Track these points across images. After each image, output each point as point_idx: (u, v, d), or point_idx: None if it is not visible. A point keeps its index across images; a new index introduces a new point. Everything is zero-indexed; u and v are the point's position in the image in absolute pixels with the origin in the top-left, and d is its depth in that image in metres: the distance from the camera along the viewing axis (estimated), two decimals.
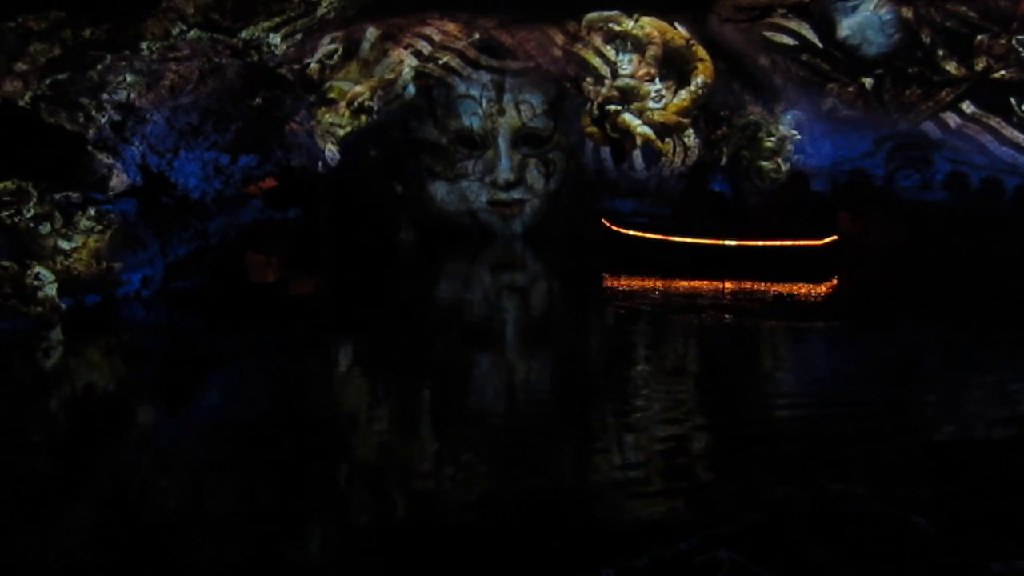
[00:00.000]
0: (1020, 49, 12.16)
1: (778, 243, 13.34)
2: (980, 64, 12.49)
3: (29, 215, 9.56)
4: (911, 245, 13.73)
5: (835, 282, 12.67)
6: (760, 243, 13.38)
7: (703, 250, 13.57)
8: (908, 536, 4.25)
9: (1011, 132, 12.81)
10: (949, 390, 7.27)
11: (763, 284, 12.24)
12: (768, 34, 13.46)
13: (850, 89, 13.49)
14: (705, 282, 12.33)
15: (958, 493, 4.91)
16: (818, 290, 12.30)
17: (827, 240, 13.32)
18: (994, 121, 12.90)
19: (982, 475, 5.21)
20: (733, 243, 13.47)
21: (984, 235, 13.08)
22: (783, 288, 12.14)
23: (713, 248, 13.53)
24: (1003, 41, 12.25)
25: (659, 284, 12.36)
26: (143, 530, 4.57)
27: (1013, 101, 12.62)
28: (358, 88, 13.61)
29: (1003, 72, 12.42)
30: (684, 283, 12.31)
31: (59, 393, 7.37)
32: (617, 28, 13.94)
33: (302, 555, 4.33)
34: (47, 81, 9.91)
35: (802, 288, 12.24)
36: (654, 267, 13.04)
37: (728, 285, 12.19)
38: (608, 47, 14.02)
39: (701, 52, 13.97)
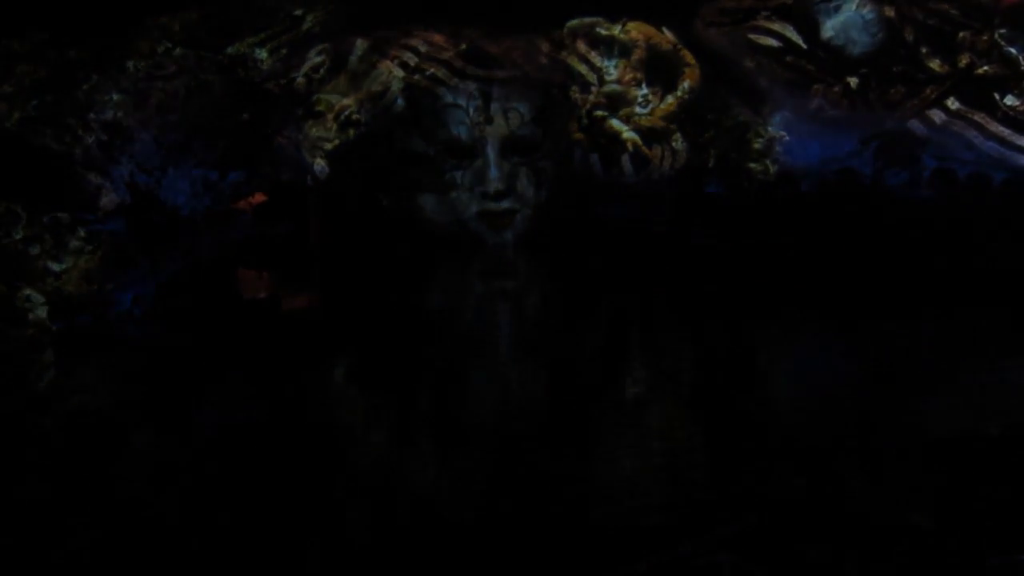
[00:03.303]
0: (1002, 44, 12.26)
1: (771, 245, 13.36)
2: (963, 61, 12.56)
3: (19, 237, 9.52)
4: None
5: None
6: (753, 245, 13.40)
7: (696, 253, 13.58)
8: (908, 534, 4.25)
9: (996, 127, 12.87)
10: (945, 386, 7.29)
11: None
12: (752, 37, 13.49)
13: (836, 89, 13.52)
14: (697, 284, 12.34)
15: (956, 489, 4.91)
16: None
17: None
18: (979, 117, 12.95)
19: (980, 470, 5.22)
20: (727, 246, 13.48)
21: (973, 231, 13.12)
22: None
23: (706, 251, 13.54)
24: (985, 37, 12.34)
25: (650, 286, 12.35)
26: (142, 550, 4.54)
27: (997, 96, 12.70)
28: (345, 101, 13.56)
29: (986, 68, 12.49)
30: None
31: (52, 415, 7.32)
32: (603, 33, 13.96)
33: (300, 570, 4.31)
34: (33, 102, 9.89)
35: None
36: (647, 273, 13.03)
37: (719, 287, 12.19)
38: (593, 52, 14.01)
39: (688, 57, 13.97)
